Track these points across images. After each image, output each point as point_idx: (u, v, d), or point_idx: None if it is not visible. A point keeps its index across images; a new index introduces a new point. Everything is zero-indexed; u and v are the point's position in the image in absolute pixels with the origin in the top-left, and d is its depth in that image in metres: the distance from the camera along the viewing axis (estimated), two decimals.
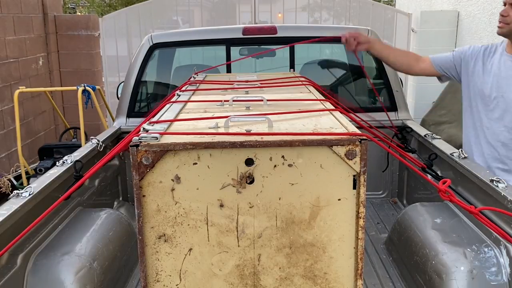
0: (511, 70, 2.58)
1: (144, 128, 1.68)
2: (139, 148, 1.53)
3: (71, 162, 2.50)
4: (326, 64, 4.11)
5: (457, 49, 2.86)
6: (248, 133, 1.61)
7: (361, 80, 3.87)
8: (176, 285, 1.64)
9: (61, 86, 7.13)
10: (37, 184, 2.18)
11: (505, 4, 2.56)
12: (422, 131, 3.19)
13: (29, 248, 2.03)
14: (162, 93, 3.88)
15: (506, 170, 2.61)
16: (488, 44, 2.78)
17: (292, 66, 3.61)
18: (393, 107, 3.58)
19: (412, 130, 3.31)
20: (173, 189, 1.57)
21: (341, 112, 1.98)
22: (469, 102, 2.76)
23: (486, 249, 2.03)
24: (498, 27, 2.59)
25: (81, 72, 7.30)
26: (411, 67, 2.96)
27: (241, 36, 3.55)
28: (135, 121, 3.47)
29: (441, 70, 2.87)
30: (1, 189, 5.07)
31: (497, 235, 1.98)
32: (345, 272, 1.65)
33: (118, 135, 3.40)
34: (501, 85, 2.58)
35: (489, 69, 2.66)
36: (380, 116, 3.40)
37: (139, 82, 3.59)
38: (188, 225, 1.60)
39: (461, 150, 2.55)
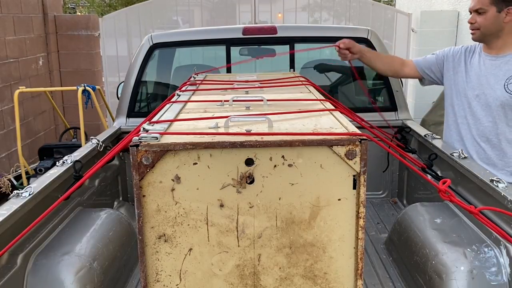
0: (490, 68, 2.69)
1: (144, 128, 1.68)
2: (139, 148, 1.53)
3: (71, 162, 2.50)
4: (326, 64, 4.11)
5: (438, 51, 2.98)
6: (248, 133, 1.61)
7: (360, 80, 3.87)
8: (176, 285, 1.64)
9: (61, 86, 7.13)
10: (37, 184, 2.18)
11: (471, 12, 2.70)
12: (422, 131, 3.19)
13: (29, 248, 2.03)
14: (162, 93, 3.88)
15: (491, 165, 2.67)
16: (467, 45, 2.90)
17: (292, 66, 3.61)
18: (393, 107, 3.58)
19: (411, 130, 3.31)
20: (173, 189, 1.57)
21: (341, 112, 1.98)
22: (451, 102, 2.87)
23: (486, 249, 2.03)
24: (471, 34, 2.74)
25: (81, 72, 7.30)
26: (397, 73, 3.12)
27: (241, 36, 3.55)
28: (135, 121, 3.47)
29: (423, 72, 2.99)
30: (1, 189, 5.07)
31: (497, 235, 1.98)
32: (345, 272, 1.65)
33: (118, 135, 3.40)
34: (482, 82, 2.70)
35: (470, 68, 2.78)
36: (378, 116, 3.40)
37: (139, 82, 3.58)
38: (188, 225, 1.60)
39: (461, 150, 2.55)
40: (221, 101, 2.19)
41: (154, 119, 1.88)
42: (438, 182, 1.82)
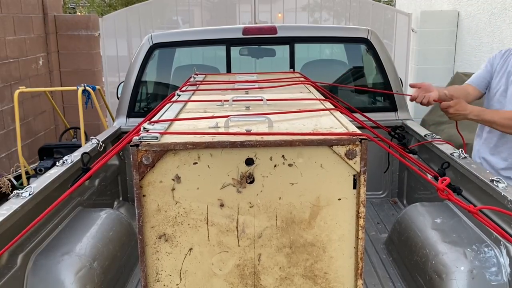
0: None
1: (144, 128, 1.68)
2: (140, 147, 1.53)
3: (71, 162, 2.50)
4: (326, 64, 4.12)
5: (490, 57, 2.89)
6: (248, 133, 1.61)
7: (360, 80, 3.87)
8: (177, 284, 1.64)
9: (61, 86, 7.13)
10: (37, 184, 2.18)
11: None
12: (422, 131, 3.19)
13: (29, 248, 2.03)
14: (162, 93, 3.88)
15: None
16: (509, 47, 2.84)
17: (292, 66, 3.61)
18: (393, 107, 3.58)
19: (408, 128, 3.32)
20: (173, 189, 1.57)
21: (341, 112, 1.98)
22: (487, 103, 2.83)
23: (486, 249, 2.03)
24: None
25: (81, 72, 7.30)
26: (468, 100, 2.92)
27: (241, 36, 3.56)
28: (135, 121, 3.47)
29: (484, 88, 2.88)
30: (1, 189, 5.07)
31: (497, 235, 1.98)
32: (345, 271, 1.65)
33: (118, 135, 3.40)
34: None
35: (505, 67, 2.72)
36: (379, 116, 3.40)
37: (139, 82, 3.59)
38: (189, 224, 1.60)
39: (461, 150, 2.55)
40: (221, 101, 2.19)
41: (154, 118, 1.88)
42: (443, 183, 1.81)
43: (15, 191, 2.06)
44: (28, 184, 2.88)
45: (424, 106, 2.86)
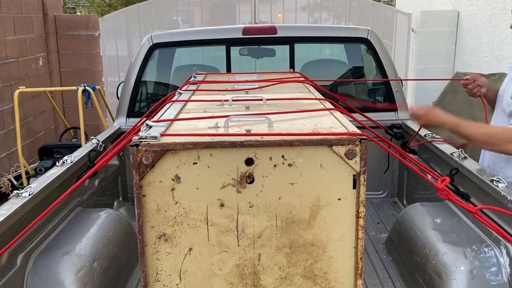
0: None
1: (147, 125, 1.69)
2: (139, 147, 1.53)
3: (71, 162, 2.50)
4: (326, 64, 4.12)
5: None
6: (248, 134, 1.61)
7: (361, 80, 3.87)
8: (176, 284, 1.64)
9: (61, 86, 7.13)
10: (37, 184, 2.18)
11: None
12: (422, 131, 3.19)
13: (29, 248, 2.03)
14: (162, 93, 3.88)
15: None
16: None
17: (292, 66, 3.61)
18: (393, 107, 3.58)
19: (408, 128, 3.31)
20: (173, 189, 1.57)
21: (341, 112, 1.98)
22: (497, 110, 2.72)
23: (486, 249, 2.03)
24: None
25: (81, 72, 7.30)
26: None
27: (241, 36, 3.56)
28: (135, 121, 3.47)
29: None
30: (1, 189, 5.07)
31: (497, 235, 1.98)
32: (345, 271, 1.65)
33: (118, 135, 3.40)
34: None
35: None
36: (378, 116, 3.40)
37: (139, 82, 3.59)
38: (188, 224, 1.60)
39: (461, 150, 2.55)
40: (220, 101, 2.19)
41: (154, 118, 1.88)
42: (443, 183, 1.81)
43: (15, 191, 2.06)
44: (28, 184, 2.88)
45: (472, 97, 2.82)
